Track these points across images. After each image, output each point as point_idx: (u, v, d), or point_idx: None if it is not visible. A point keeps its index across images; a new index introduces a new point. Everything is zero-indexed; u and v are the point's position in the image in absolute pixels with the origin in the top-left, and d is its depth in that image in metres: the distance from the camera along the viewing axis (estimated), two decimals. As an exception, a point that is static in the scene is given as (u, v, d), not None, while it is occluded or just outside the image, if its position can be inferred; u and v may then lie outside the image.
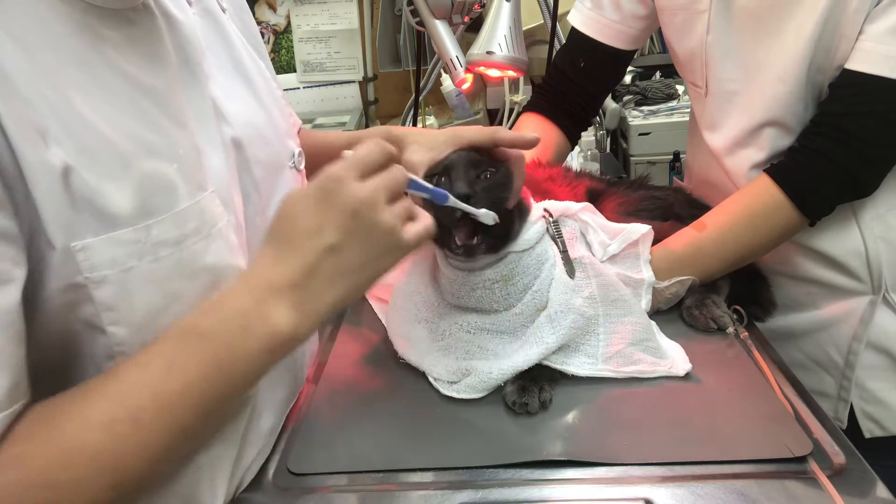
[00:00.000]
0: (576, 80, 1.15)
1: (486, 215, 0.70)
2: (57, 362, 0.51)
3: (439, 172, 0.73)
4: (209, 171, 0.59)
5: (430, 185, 0.65)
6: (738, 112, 0.95)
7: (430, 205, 0.67)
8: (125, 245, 0.51)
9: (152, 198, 0.52)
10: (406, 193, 0.60)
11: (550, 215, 0.84)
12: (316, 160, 0.94)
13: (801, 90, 0.88)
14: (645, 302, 0.88)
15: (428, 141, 0.77)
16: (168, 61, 0.58)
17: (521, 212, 0.78)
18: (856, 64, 0.84)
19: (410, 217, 0.59)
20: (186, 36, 0.61)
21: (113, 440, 0.48)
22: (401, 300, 0.85)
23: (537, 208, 0.81)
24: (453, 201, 0.68)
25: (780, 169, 0.90)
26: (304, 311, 0.55)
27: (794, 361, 0.99)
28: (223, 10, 0.71)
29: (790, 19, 0.87)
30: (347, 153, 0.57)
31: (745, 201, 0.91)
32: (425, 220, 0.60)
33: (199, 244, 0.55)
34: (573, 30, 1.13)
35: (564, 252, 0.81)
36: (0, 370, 0.45)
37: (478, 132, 0.74)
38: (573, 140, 1.20)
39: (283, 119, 0.76)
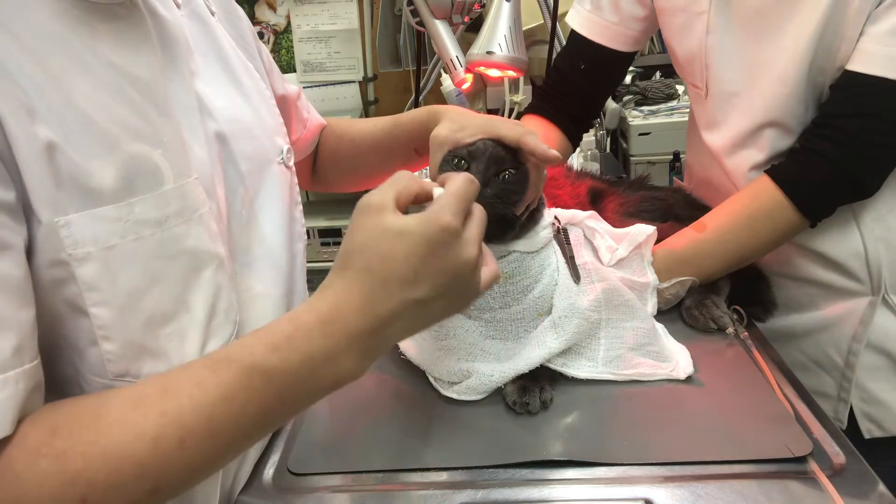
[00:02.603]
0: (577, 82, 1.14)
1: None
2: (40, 348, 0.51)
3: (462, 156, 0.73)
4: (193, 159, 0.60)
5: None
6: (738, 113, 0.95)
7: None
8: (108, 222, 0.52)
9: (137, 178, 0.54)
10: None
11: (559, 221, 0.84)
12: (355, 149, 0.97)
13: (801, 91, 0.88)
14: (651, 305, 0.88)
15: (462, 120, 0.77)
16: (153, 55, 0.59)
17: (534, 215, 0.78)
18: (857, 65, 0.84)
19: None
20: (172, 34, 0.63)
21: (159, 455, 0.48)
22: None
23: (549, 214, 0.82)
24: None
25: (780, 170, 0.90)
26: (372, 356, 0.54)
27: (794, 362, 0.99)
28: (212, 14, 0.74)
29: (791, 20, 0.86)
30: (438, 191, 0.55)
31: (746, 202, 0.91)
32: (493, 266, 0.58)
33: (181, 227, 0.56)
34: (573, 32, 1.13)
35: (571, 258, 0.81)
36: (1, 332, 0.46)
37: (509, 130, 0.73)
38: (575, 142, 1.19)
39: (271, 117, 0.78)
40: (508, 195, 0.72)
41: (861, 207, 0.92)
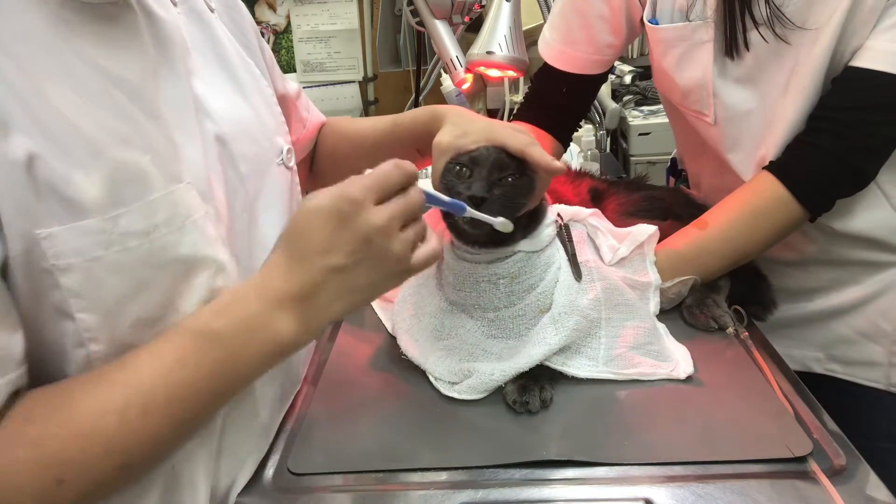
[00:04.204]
0: (559, 101, 1.14)
1: (504, 224, 0.71)
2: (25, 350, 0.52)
3: (464, 163, 0.73)
4: (186, 163, 0.59)
5: (447, 199, 0.67)
6: (756, 132, 0.94)
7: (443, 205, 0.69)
8: (91, 235, 0.51)
9: (124, 187, 0.53)
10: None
11: (561, 219, 0.84)
12: (353, 149, 0.97)
13: (817, 99, 0.88)
14: (653, 304, 0.87)
15: (464, 126, 0.77)
16: (144, 56, 0.58)
17: (537, 214, 0.78)
18: (858, 60, 0.84)
19: (421, 239, 0.62)
20: (168, 33, 0.62)
21: (125, 426, 0.51)
22: (409, 293, 0.85)
23: (552, 211, 0.82)
24: (470, 212, 0.69)
25: (781, 164, 0.90)
26: (306, 323, 0.58)
27: (839, 338, 1.01)
28: (211, 10, 0.72)
29: (801, 43, 0.86)
30: (368, 171, 0.60)
31: (747, 198, 0.91)
32: (433, 244, 0.62)
33: (171, 235, 0.56)
34: (547, 64, 1.12)
35: (573, 255, 0.81)
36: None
37: (513, 140, 0.73)
38: (565, 143, 1.20)
39: (271, 117, 0.77)
40: (513, 198, 0.72)
41: (890, 185, 0.92)
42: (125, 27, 0.57)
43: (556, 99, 1.14)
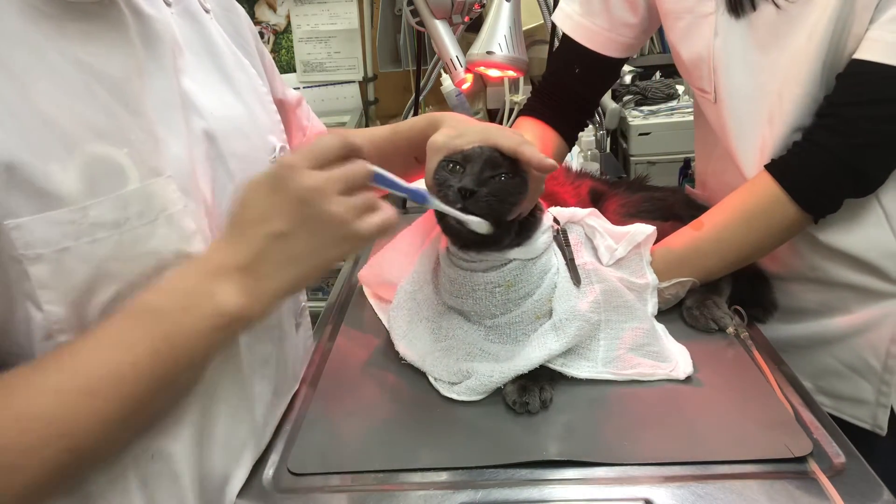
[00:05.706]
0: (571, 85, 1.13)
1: (479, 224, 0.70)
2: None
3: (458, 161, 0.73)
4: (168, 158, 0.59)
5: (403, 183, 0.64)
6: (754, 118, 0.92)
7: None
8: (60, 225, 0.51)
9: (98, 179, 0.53)
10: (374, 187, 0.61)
11: (557, 223, 0.84)
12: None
13: (816, 91, 0.86)
14: (651, 305, 0.87)
15: (460, 127, 0.77)
16: (130, 53, 0.59)
17: (531, 222, 0.78)
18: (861, 53, 0.82)
19: (370, 209, 0.59)
20: (157, 31, 0.62)
21: (67, 407, 0.50)
22: (404, 299, 0.85)
23: (548, 217, 0.81)
24: (436, 204, 0.68)
25: (778, 163, 0.88)
26: (252, 294, 0.57)
27: (828, 369, 0.96)
28: (206, 11, 0.73)
29: (802, 20, 0.85)
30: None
31: (743, 198, 0.89)
32: (385, 213, 0.60)
33: (143, 228, 0.56)
34: (565, 35, 1.11)
35: (571, 260, 0.81)
36: None
37: (506, 140, 0.73)
38: (571, 142, 1.19)
39: (265, 115, 0.78)
40: (504, 195, 0.72)
41: (892, 205, 0.89)
42: (111, 25, 0.58)
43: (568, 83, 1.13)
